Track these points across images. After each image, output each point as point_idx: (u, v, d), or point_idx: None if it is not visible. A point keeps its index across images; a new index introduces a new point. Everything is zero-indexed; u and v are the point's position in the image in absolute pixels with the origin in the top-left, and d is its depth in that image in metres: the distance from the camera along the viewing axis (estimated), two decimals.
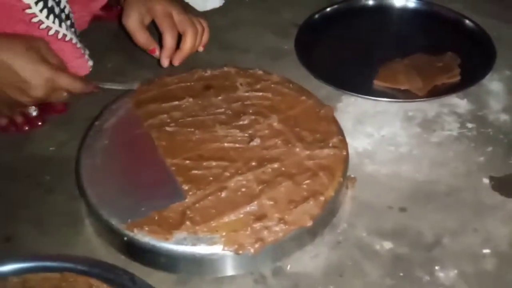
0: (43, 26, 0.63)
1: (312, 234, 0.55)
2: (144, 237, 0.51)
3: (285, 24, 0.86)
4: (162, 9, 0.68)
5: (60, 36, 0.64)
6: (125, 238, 0.52)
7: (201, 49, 0.72)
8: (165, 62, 0.69)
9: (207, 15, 0.88)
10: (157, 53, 0.70)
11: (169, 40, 0.68)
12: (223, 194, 0.54)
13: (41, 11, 0.61)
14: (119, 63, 0.78)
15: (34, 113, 0.66)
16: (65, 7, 0.67)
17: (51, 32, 0.63)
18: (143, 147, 0.61)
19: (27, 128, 0.67)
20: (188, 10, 0.72)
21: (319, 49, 0.81)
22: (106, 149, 0.60)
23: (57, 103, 0.67)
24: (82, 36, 0.73)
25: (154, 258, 0.52)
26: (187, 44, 0.69)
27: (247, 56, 0.80)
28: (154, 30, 0.71)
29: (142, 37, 0.69)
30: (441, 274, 0.53)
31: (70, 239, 0.56)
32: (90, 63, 0.70)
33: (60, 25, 0.64)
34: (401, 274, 0.53)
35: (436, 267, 0.53)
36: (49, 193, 0.61)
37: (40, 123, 0.67)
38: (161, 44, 0.70)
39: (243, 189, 0.55)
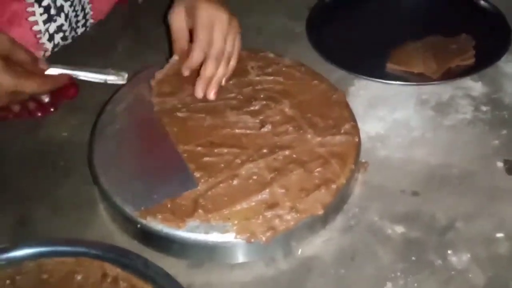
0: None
1: (324, 221, 0.55)
2: (158, 225, 0.51)
3: (297, 7, 0.85)
4: (204, 19, 0.62)
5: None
6: (139, 226, 0.52)
7: (223, 82, 0.65)
8: (200, 93, 0.63)
9: None
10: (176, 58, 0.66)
11: (194, 58, 0.63)
12: (235, 182, 0.54)
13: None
14: (130, 47, 0.78)
15: (46, 99, 0.67)
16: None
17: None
18: (154, 133, 0.61)
19: (39, 114, 0.67)
20: (233, 26, 0.64)
21: (330, 32, 0.80)
22: (117, 134, 0.60)
23: (68, 88, 0.68)
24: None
25: (167, 245, 0.52)
26: (206, 73, 0.63)
27: (259, 38, 0.79)
28: None
29: (180, 42, 0.65)
30: (453, 258, 0.53)
31: (85, 223, 0.57)
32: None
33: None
34: (413, 258, 0.53)
35: (449, 251, 0.53)
36: (63, 178, 0.61)
37: (52, 109, 0.67)
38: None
39: (255, 177, 0.55)
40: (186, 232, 0.51)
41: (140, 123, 0.62)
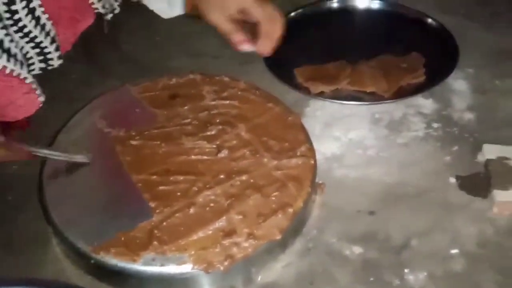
0: None
1: (283, 245, 0.55)
2: (111, 260, 0.50)
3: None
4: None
5: (7, 71, 0.60)
6: (92, 261, 0.51)
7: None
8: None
9: (174, 22, 0.87)
10: (248, 45, 0.68)
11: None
12: (191, 211, 0.54)
13: None
14: (84, 73, 0.77)
15: None
16: (18, 42, 0.64)
17: None
18: (108, 163, 0.60)
19: None
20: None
21: (285, 53, 0.80)
22: (69, 166, 0.59)
23: (18, 120, 0.66)
24: None
25: (122, 279, 0.51)
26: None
27: (215, 62, 0.79)
28: None
29: (236, 33, 0.67)
30: (410, 277, 0.53)
31: (38, 260, 0.55)
32: (41, 98, 0.66)
33: (8, 60, 0.60)
34: (371, 279, 0.53)
35: (406, 270, 0.54)
36: (14, 212, 0.59)
37: (1, 140, 0.65)
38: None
39: (212, 204, 0.55)
40: (141, 266, 0.50)
41: (92, 153, 0.61)
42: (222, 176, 0.58)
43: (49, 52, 0.69)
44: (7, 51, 0.60)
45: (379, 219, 0.59)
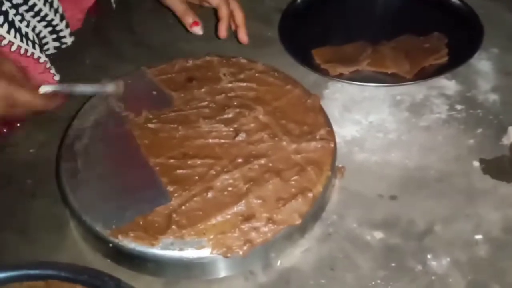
0: (4, 41, 0.59)
1: (302, 230, 0.54)
2: (130, 243, 0.50)
3: (268, 11, 0.83)
4: None
5: (22, 51, 0.60)
6: (110, 245, 0.50)
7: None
8: (223, 33, 0.73)
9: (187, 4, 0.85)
10: (198, 27, 0.71)
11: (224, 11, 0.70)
12: (209, 195, 0.53)
13: (1, 25, 0.58)
14: (98, 58, 0.76)
15: None
16: (29, 21, 0.63)
17: (13, 48, 0.60)
18: (125, 146, 0.59)
19: (5, 130, 0.65)
20: None
21: (303, 35, 0.79)
22: (86, 149, 0.58)
23: None
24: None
25: (140, 263, 0.51)
26: (241, 15, 0.72)
27: (230, 44, 0.78)
28: None
29: (188, 14, 0.70)
30: (433, 263, 0.52)
31: (55, 244, 0.55)
32: (56, 77, 0.66)
33: (21, 40, 0.60)
34: (393, 264, 0.52)
35: (429, 256, 0.53)
36: (31, 198, 0.59)
37: (18, 124, 0.65)
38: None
39: (230, 188, 0.54)
40: (160, 250, 0.50)
41: (110, 137, 0.60)
42: (240, 160, 0.56)
43: (61, 30, 0.69)
44: (19, 31, 0.60)
45: (401, 204, 0.58)
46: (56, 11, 0.65)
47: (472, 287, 0.50)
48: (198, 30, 0.72)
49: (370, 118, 0.67)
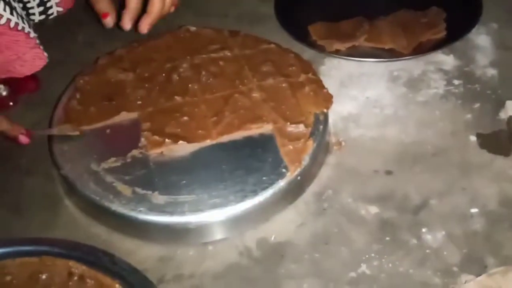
0: None
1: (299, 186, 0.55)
2: None
3: None
4: None
5: (12, 25, 0.59)
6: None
7: (172, 9, 0.64)
8: (126, 25, 0.61)
9: None
10: (108, 18, 0.62)
11: (131, 1, 0.61)
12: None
13: None
14: (90, 35, 0.75)
15: (4, 93, 0.64)
16: None
17: (3, 21, 0.58)
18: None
19: None
20: None
21: (299, 10, 0.78)
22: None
23: (28, 81, 0.65)
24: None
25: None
26: (155, 6, 0.61)
27: (224, 20, 0.77)
28: None
29: (102, 1, 0.62)
30: (428, 237, 0.52)
31: (50, 222, 0.55)
32: (45, 53, 0.64)
33: (11, 13, 0.58)
34: (388, 238, 0.52)
35: (423, 230, 0.53)
36: (26, 176, 0.59)
37: (11, 103, 0.65)
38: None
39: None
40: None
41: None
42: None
43: (32, 7, 0.67)
44: (8, 4, 0.58)
45: (396, 179, 0.57)
46: None
47: (467, 260, 0.50)
48: (107, 22, 0.63)
49: (366, 93, 0.66)
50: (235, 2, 0.80)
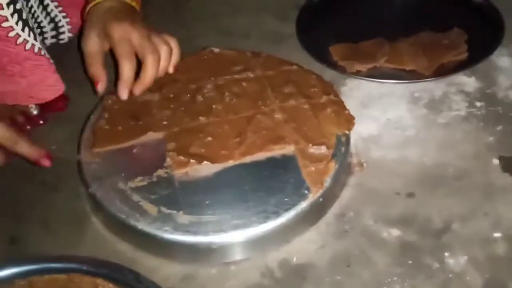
0: (20, 40, 0.58)
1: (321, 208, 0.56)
2: None
3: (286, 7, 0.83)
4: (120, 34, 0.61)
5: (36, 50, 0.60)
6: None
7: (171, 70, 0.65)
8: (123, 95, 0.61)
9: (205, 2, 0.86)
10: (99, 87, 0.61)
11: (125, 70, 0.60)
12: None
13: (17, 23, 0.58)
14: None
15: (35, 112, 0.66)
16: (38, 16, 0.64)
17: (28, 47, 0.59)
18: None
19: (28, 127, 0.66)
20: (154, 31, 0.64)
21: (320, 31, 0.79)
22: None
23: (57, 100, 0.67)
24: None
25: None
26: (147, 73, 0.61)
27: (246, 41, 0.78)
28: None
29: (95, 67, 0.61)
30: (451, 261, 0.52)
31: (76, 238, 0.56)
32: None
33: (35, 39, 0.60)
34: (410, 262, 0.52)
35: (446, 254, 0.53)
36: (53, 192, 0.61)
37: (41, 122, 0.67)
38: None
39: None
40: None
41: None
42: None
43: (62, 26, 0.69)
44: (32, 30, 0.60)
45: (418, 202, 0.57)
46: (51, 20, 0.66)
47: (490, 286, 0.50)
48: (99, 89, 0.62)
49: (387, 115, 0.67)
50: (257, 23, 0.81)
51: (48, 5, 0.69)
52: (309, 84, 0.66)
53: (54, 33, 0.72)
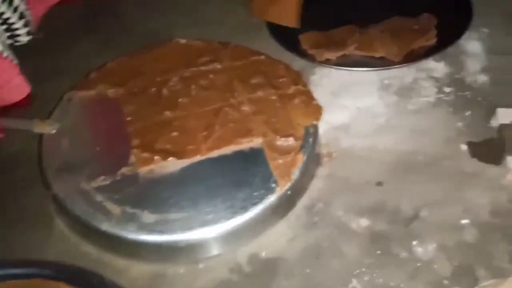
0: None
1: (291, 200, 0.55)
2: None
3: None
4: None
5: None
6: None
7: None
8: None
9: None
10: None
11: None
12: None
13: None
14: (85, 46, 0.75)
15: None
16: (3, 13, 0.62)
17: None
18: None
19: None
20: None
21: None
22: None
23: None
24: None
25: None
26: None
27: (220, 29, 0.77)
28: None
29: None
30: (419, 249, 0.52)
31: (41, 241, 0.55)
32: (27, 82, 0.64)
33: None
34: (379, 252, 0.52)
35: (414, 242, 0.52)
36: (16, 193, 0.59)
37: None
38: None
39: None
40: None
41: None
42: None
43: (17, 28, 0.67)
44: None
45: (388, 190, 0.57)
46: (15, 9, 0.64)
47: (458, 273, 0.50)
48: None
49: (358, 103, 0.66)
50: (227, 12, 0.80)
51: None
52: (277, 74, 0.65)
53: (27, 29, 0.70)
